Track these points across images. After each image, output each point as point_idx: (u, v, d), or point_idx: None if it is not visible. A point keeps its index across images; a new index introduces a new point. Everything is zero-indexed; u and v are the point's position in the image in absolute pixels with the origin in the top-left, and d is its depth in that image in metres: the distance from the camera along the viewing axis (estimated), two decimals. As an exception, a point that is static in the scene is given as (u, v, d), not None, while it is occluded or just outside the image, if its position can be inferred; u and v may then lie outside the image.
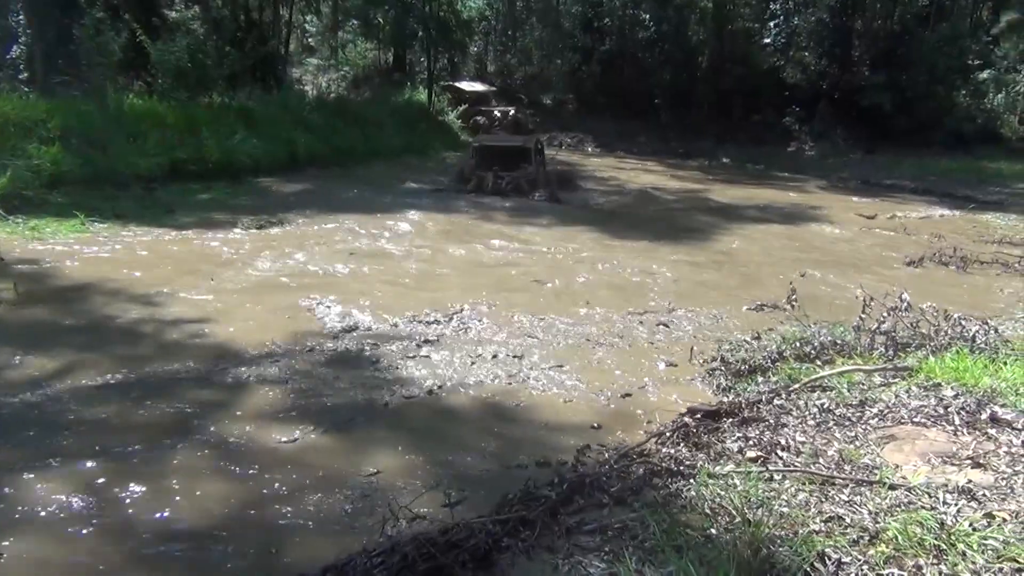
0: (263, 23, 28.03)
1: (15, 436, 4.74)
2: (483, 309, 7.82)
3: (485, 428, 5.06)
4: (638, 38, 35.18)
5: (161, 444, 4.70)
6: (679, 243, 12.44)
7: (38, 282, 8.20)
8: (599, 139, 33.67)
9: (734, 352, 6.46)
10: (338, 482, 4.32)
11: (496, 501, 3.90)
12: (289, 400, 5.43)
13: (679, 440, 4.57)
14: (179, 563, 3.59)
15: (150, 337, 6.73)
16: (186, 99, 19.37)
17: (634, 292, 8.98)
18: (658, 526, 3.48)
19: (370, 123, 25.12)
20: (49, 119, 14.63)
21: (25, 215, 11.40)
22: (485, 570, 3.32)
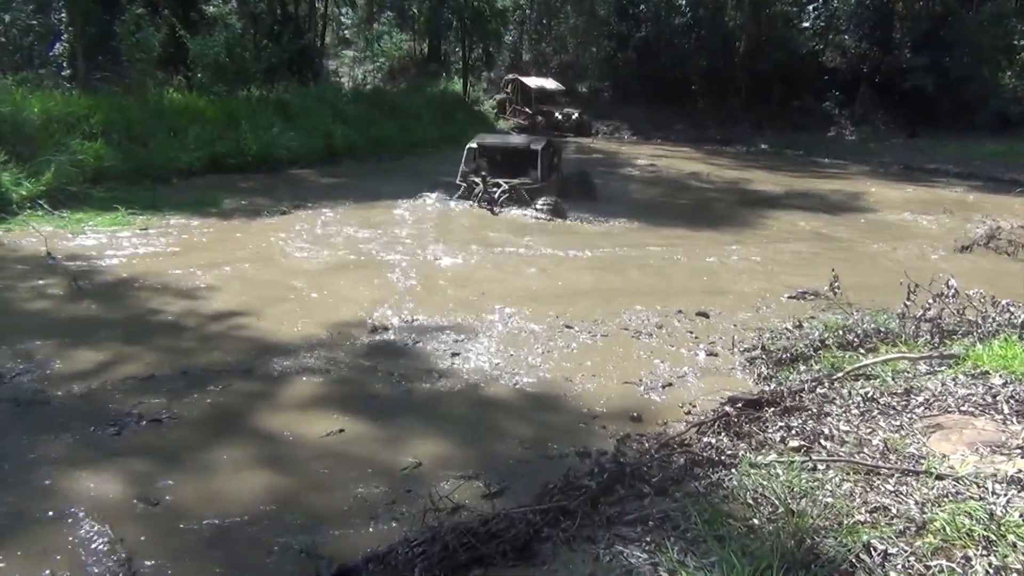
0: (299, 16, 28.19)
1: (64, 427, 4.83)
2: (518, 305, 7.82)
3: (525, 418, 5.06)
4: (674, 24, 34.88)
5: (206, 435, 4.76)
6: (717, 231, 12.32)
7: (84, 276, 8.33)
8: (635, 127, 33.48)
9: (775, 341, 6.39)
10: (379, 472, 4.35)
11: (536, 491, 3.89)
12: (330, 391, 5.48)
13: (720, 430, 4.52)
14: (223, 550, 3.63)
15: (193, 329, 6.82)
16: (225, 93, 19.59)
17: (672, 283, 8.92)
18: (700, 516, 3.45)
19: (406, 114, 25.23)
20: (91, 115, 14.88)
21: (70, 209, 11.60)
22: (526, 560, 3.32)
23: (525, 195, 13.37)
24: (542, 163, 13.85)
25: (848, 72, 32.48)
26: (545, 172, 13.97)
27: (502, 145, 15.14)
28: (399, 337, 6.69)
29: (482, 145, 14.59)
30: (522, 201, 13.26)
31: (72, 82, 20.14)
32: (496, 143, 15.13)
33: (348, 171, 17.86)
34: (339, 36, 41.96)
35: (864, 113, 31.02)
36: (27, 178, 11.90)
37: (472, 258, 9.81)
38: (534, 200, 13.22)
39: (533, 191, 13.50)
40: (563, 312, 7.40)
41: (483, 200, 13.36)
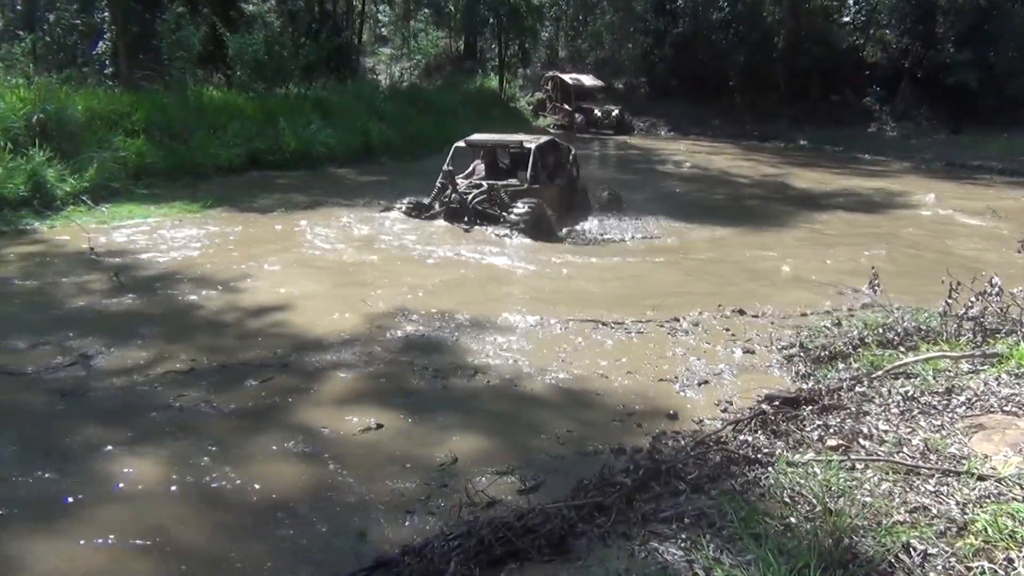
0: (337, 14, 28.39)
1: (108, 418, 4.94)
2: (552, 303, 7.82)
3: (560, 414, 5.07)
4: (712, 19, 34.58)
5: (246, 428, 4.83)
6: (754, 228, 12.22)
7: (125, 270, 8.48)
8: (672, 123, 33.29)
9: (813, 338, 6.32)
10: (416, 466, 4.38)
11: (571, 487, 3.89)
12: (367, 385, 5.53)
13: (757, 427, 4.49)
14: (262, 539, 3.68)
15: (232, 323, 6.93)
16: (263, 90, 19.78)
17: (708, 281, 8.87)
18: (736, 514, 3.43)
19: (442, 111, 25.30)
20: (133, 112, 15.12)
21: (112, 205, 11.82)
22: (561, 555, 3.32)
23: (505, 198, 11.16)
24: (535, 163, 11.69)
25: (889, 67, 31.98)
26: (538, 174, 11.77)
27: (494, 143, 12.86)
28: (434, 333, 6.72)
29: (471, 143, 12.57)
30: (503, 206, 11.07)
31: (115, 80, 20.47)
32: (486, 140, 12.91)
33: (385, 169, 17.96)
34: (376, 33, 42.22)
35: (905, 109, 30.53)
36: (71, 174, 12.13)
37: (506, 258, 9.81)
38: (512, 207, 10.99)
39: (518, 194, 11.32)
40: (597, 311, 7.38)
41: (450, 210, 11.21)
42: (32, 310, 7.09)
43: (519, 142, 12.30)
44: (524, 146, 12.04)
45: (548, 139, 12.96)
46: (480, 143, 12.67)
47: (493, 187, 11.28)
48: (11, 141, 12.07)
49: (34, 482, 4.11)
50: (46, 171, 11.78)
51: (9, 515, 3.77)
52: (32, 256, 9.10)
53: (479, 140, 12.72)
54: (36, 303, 7.32)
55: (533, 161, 11.68)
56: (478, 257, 9.52)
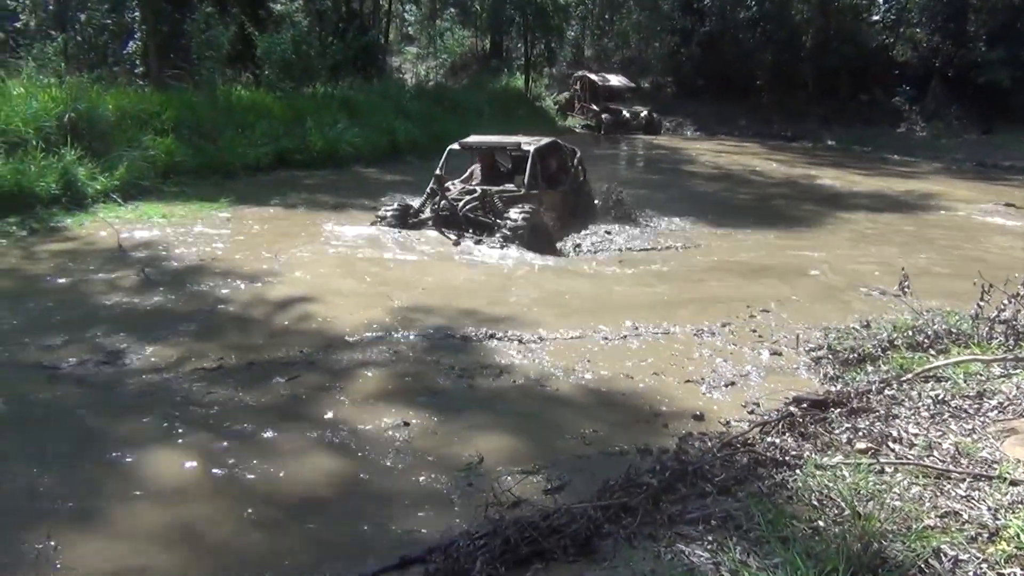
0: (364, 13, 28.53)
1: (138, 414, 4.99)
2: (580, 303, 7.82)
3: (585, 415, 5.06)
4: (739, 18, 34.41)
5: (273, 424, 4.87)
6: (781, 230, 12.14)
7: (154, 266, 8.59)
8: (698, 122, 33.17)
9: (842, 340, 6.27)
10: (442, 464, 4.39)
11: (597, 487, 3.88)
12: (393, 384, 5.55)
13: (784, 430, 4.46)
14: (288, 535, 3.71)
15: (259, 319, 6.99)
16: (291, 90, 19.91)
17: (734, 281, 8.82)
18: (763, 517, 3.41)
19: (468, 110, 25.36)
20: (163, 111, 15.28)
21: (141, 203, 11.96)
22: (586, 556, 3.32)
23: (499, 204, 10.28)
24: (533, 166, 10.79)
25: (919, 66, 31.64)
26: (537, 178, 10.91)
27: (490, 144, 11.81)
28: (459, 333, 6.73)
29: (465, 145, 11.59)
30: (497, 213, 10.16)
31: (145, 79, 20.70)
32: (482, 142, 11.87)
33: (411, 168, 18.00)
34: (402, 33, 42.37)
35: (936, 108, 30.18)
36: (101, 173, 12.27)
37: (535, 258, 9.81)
38: (505, 215, 10.03)
39: (514, 200, 10.42)
40: (624, 312, 7.36)
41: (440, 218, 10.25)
42: (64, 306, 7.19)
43: (517, 143, 11.43)
44: (523, 148, 11.17)
45: (549, 140, 11.99)
46: (476, 145, 11.71)
47: (486, 192, 10.42)
48: (43, 140, 12.22)
49: (67, 477, 4.16)
50: (77, 169, 11.93)
51: (43, 510, 3.82)
52: (64, 253, 9.22)
53: (474, 142, 11.77)
54: (68, 299, 7.42)
55: (532, 164, 10.81)
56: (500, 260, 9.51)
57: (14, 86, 13.55)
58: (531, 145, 11.12)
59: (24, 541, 3.57)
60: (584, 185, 12.67)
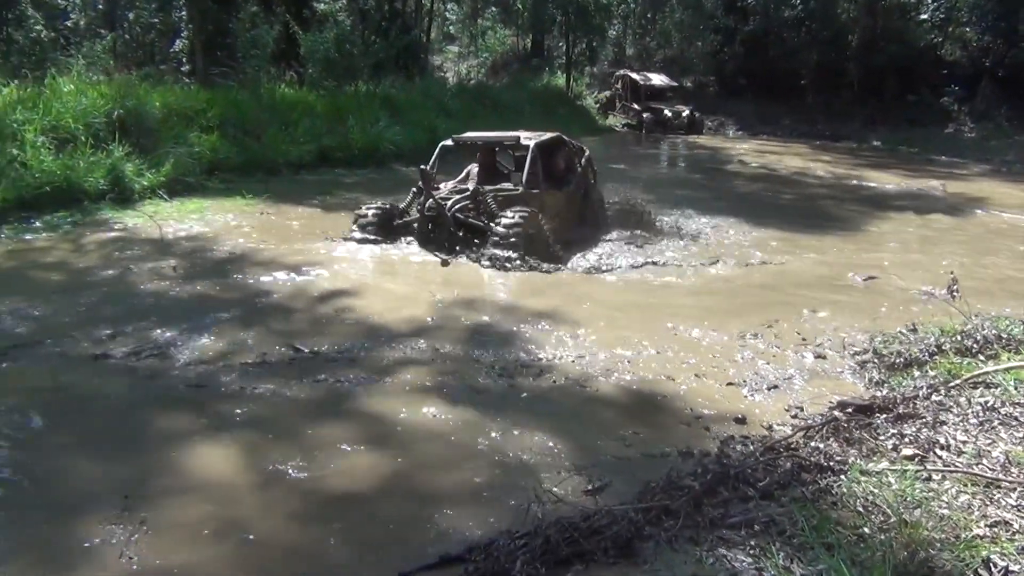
0: (406, 12, 28.66)
1: (183, 407, 5.07)
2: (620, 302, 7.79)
3: (626, 415, 5.03)
4: (783, 17, 33.98)
5: (315, 419, 4.91)
6: (825, 232, 11.98)
7: (199, 259, 8.76)
8: (741, 122, 32.88)
9: (888, 344, 6.17)
10: (482, 461, 4.40)
11: (637, 489, 3.87)
12: (434, 380, 5.57)
13: (829, 435, 4.40)
14: (329, 531, 3.73)
15: (301, 314, 7.05)
16: (333, 88, 20.06)
17: (776, 283, 8.72)
18: (807, 522, 3.37)
19: (508, 109, 25.42)
20: (209, 109, 15.48)
21: (186, 199, 12.14)
22: (627, 558, 3.31)
23: (493, 205, 9.28)
24: (533, 163, 9.78)
25: (969, 66, 31.01)
26: (538, 176, 9.88)
27: (487, 140, 10.78)
28: (500, 329, 6.75)
29: (460, 141, 10.66)
30: (491, 215, 9.17)
31: (191, 77, 21.02)
32: (478, 137, 10.83)
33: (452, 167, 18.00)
34: (444, 32, 42.52)
35: (986, 109, 29.54)
36: (148, 169, 12.48)
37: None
38: (498, 217, 9.04)
39: (511, 201, 9.40)
40: (665, 313, 7.32)
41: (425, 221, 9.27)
42: (111, 297, 7.34)
43: (516, 138, 10.39)
44: (522, 143, 10.15)
45: (553, 135, 10.93)
46: (471, 141, 10.77)
47: (479, 191, 9.37)
48: (92, 136, 12.46)
49: (116, 470, 4.24)
50: (125, 166, 12.14)
51: (88, 502, 3.89)
52: (111, 245, 9.42)
53: (470, 137, 10.80)
54: (115, 291, 7.57)
55: (531, 160, 9.78)
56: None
57: (65, 83, 13.81)
58: (532, 140, 10.14)
59: (73, 534, 3.63)
60: (594, 188, 11.57)
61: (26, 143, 11.55)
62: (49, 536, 3.64)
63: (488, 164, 10.65)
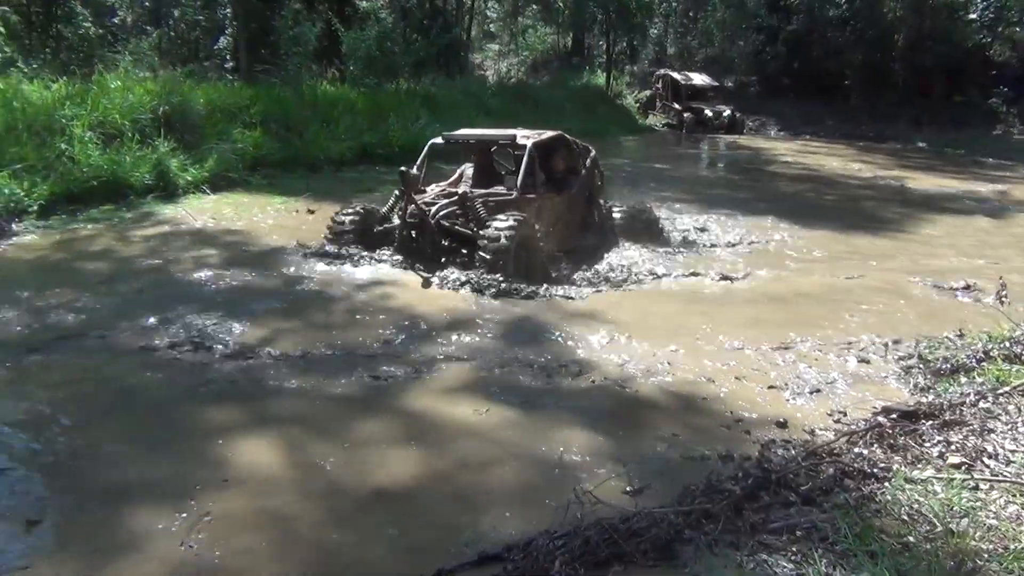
0: (447, 10, 28.75)
1: (224, 400, 5.14)
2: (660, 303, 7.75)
3: (666, 418, 4.99)
4: (828, 16, 33.54)
5: (355, 414, 4.95)
6: (868, 234, 11.81)
7: (240, 252, 8.91)
8: (783, 122, 32.54)
9: (933, 350, 6.05)
10: (522, 460, 4.40)
11: (677, 492, 3.84)
12: (474, 377, 5.58)
13: (872, 441, 4.33)
14: (368, 527, 3.75)
15: (342, 309, 7.07)
16: (374, 86, 20.18)
17: (820, 286, 8.62)
18: (850, 529, 3.33)
19: (548, 107, 25.41)
20: (251, 105, 15.67)
21: (229, 194, 12.31)
22: (667, 561, 3.29)
23: (482, 211, 8.24)
24: (530, 164, 8.90)
25: (1019, 66, 30.41)
26: (534, 179, 9.03)
27: (480, 138, 9.83)
28: (538, 326, 6.75)
29: (451, 139, 9.85)
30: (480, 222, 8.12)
31: (235, 74, 21.28)
32: (470, 135, 9.99)
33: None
34: (484, 30, 42.56)
35: (1035, 110, 29.00)
36: (192, 164, 12.67)
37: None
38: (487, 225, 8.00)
39: (504, 206, 8.46)
40: (705, 316, 7.26)
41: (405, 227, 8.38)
42: (155, 290, 7.45)
43: (512, 136, 9.33)
44: (518, 142, 9.18)
45: (554, 134, 9.89)
46: (463, 139, 9.93)
47: (467, 196, 8.44)
48: (138, 132, 12.68)
49: (160, 464, 4.30)
50: (170, 161, 12.34)
51: (131, 494, 3.95)
52: (155, 238, 9.58)
53: (463, 136, 9.95)
54: (159, 283, 7.68)
55: (527, 161, 8.88)
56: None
57: (112, 80, 14.06)
58: (529, 139, 9.18)
59: (120, 527, 3.69)
60: (601, 192, 10.64)
61: (74, 138, 11.78)
62: (104, 525, 3.70)
63: (484, 165, 9.66)
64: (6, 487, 4.06)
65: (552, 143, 9.76)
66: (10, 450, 4.45)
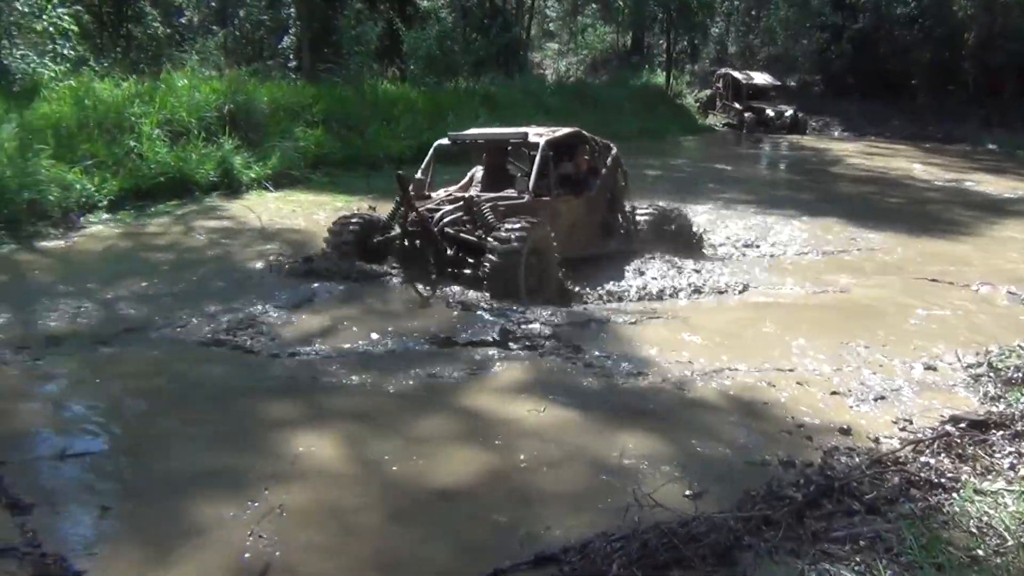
0: (507, 9, 28.80)
1: (285, 393, 5.22)
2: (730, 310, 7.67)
3: (726, 422, 4.93)
4: (895, 14, 32.76)
5: (414, 410, 4.98)
6: (936, 238, 11.53)
7: (301, 248, 9.02)
8: (847, 122, 31.92)
9: (1004, 358, 5.87)
10: (578, 461, 4.37)
11: (736, 497, 3.80)
12: (532, 377, 5.57)
13: (940, 450, 4.23)
14: (424, 524, 3.76)
15: (399, 306, 7.13)
16: (434, 84, 20.33)
17: (884, 291, 8.44)
18: (916, 540, 3.25)
19: (607, 106, 25.29)
20: (314, 104, 15.90)
21: (290, 191, 12.52)
22: (726, 567, 3.24)
23: (490, 217, 7.51)
24: (543, 164, 8.20)
25: (1095, 64, 29.39)
26: (549, 180, 8.32)
27: (489, 137, 9.34)
28: (596, 326, 6.72)
29: (457, 140, 9.14)
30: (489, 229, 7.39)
31: (297, 73, 21.60)
32: (479, 135, 9.50)
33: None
34: (543, 29, 42.54)
35: (1115, 111, 27.96)
36: (255, 162, 12.91)
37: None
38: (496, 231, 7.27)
39: (515, 211, 7.72)
40: (767, 320, 7.16)
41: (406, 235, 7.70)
42: (218, 284, 7.63)
43: (524, 134, 8.66)
44: (531, 140, 8.48)
45: (570, 131, 9.12)
46: (471, 139, 9.32)
47: (474, 200, 7.72)
48: (204, 130, 12.96)
49: (222, 455, 4.38)
50: (234, 158, 12.59)
51: (198, 483, 4.03)
52: (219, 233, 9.88)
53: (472, 135, 9.41)
54: (222, 278, 7.89)
55: (541, 160, 8.17)
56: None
57: (179, 78, 14.38)
58: (543, 136, 8.48)
59: (187, 515, 3.76)
60: (623, 194, 9.80)
61: (143, 135, 12.09)
62: (171, 512, 3.77)
63: (495, 167, 9.04)
64: (84, 471, 4.18)
65: (568, 140, 9.03)
66: (87, 437, 4.60)
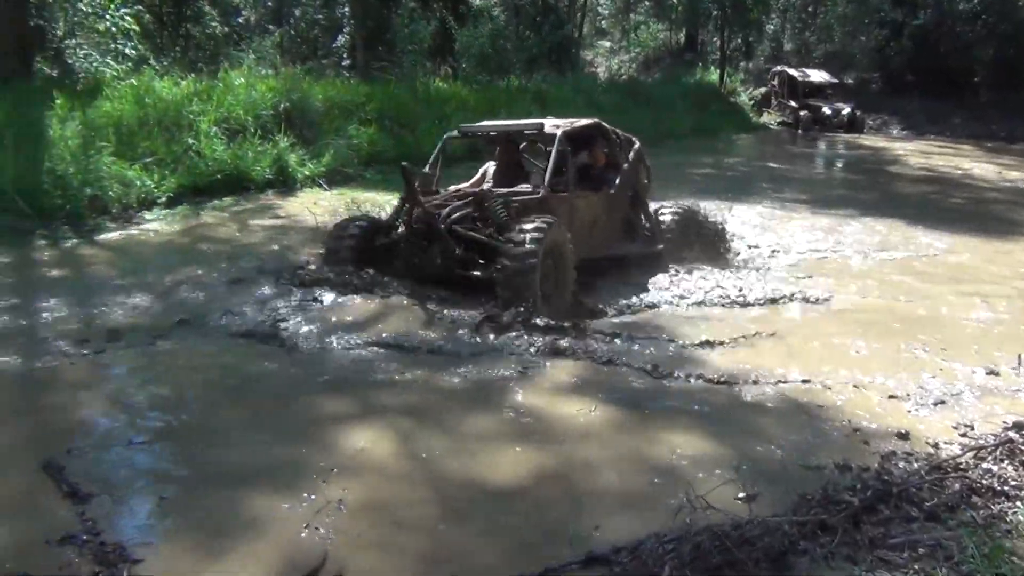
0: (559, 7, 28.76)
1: (336, 388, 5.27)
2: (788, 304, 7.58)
3: (783, 424, 4.85)
4: (958, 10, 31.98)
5: (465, 408, 5.00)
6: (999, 239, 11.24)
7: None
8: (906, 121, 31.26)
9: (1070, 364, 5.71)
10: (630, 461, 4.34)
11: (791, 501, 3.72)
12: (583, 374, 5.55)
13: (1003, 457, 4.11)
14: (474, 522, 3.76)
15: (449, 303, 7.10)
16: (486, 82, 20.39)
17: (944, 293, 8.24)
18: (977, 549, 3.16)
19: (660, 104, 25.13)
20: (367, 102, 16.08)
21: (343, 189, 12.64)
22: (780, 572, 3.19)
23: (501, 215, 6.95)
24: (560, 158, 7.67)
25: None
26: (567, 175, 7.85)
27: (503, 129, 8.73)
28: (648, 324, 6.68)
29: (467, 132, 8.85)
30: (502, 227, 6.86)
31: (351, 71, 21.83)
32: (492, 127, 8.93)
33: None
34: (596, 26, 42.40)
35: None
36: (310, 159, 13.08)
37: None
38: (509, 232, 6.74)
39: (527, 207, 7.22)
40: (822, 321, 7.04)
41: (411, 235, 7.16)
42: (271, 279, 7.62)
43: (539, 125, 8.21)
44: (547, 132, 7.95)
45: (589, 122, 8.52)
46: (483, 131, 8.77)
47: (485, 196, 7.17)
48: (260, 128, 13.16)
49: (275, 448, 4.42)
50: (289, 156, 12.79)
51: (252, 476, 4.08)
52: (274, 229, 10.00)
53: (483, 127, 8.89)
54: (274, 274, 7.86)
55: (557, 154, 7.61)
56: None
57: (236, 77, 14.64)
58: (560, 128, 7.88)
59: (242, 507, 3.81)
60: (646, 191, 9.23)
61: (201, 133, 12.33)
62: (226, 504, 3.82)
63: (509, 161, 8.45)
64: (142, 462, 4.29)
65: (587, 132, 8.48)
66: (146, 429, 4.68)
